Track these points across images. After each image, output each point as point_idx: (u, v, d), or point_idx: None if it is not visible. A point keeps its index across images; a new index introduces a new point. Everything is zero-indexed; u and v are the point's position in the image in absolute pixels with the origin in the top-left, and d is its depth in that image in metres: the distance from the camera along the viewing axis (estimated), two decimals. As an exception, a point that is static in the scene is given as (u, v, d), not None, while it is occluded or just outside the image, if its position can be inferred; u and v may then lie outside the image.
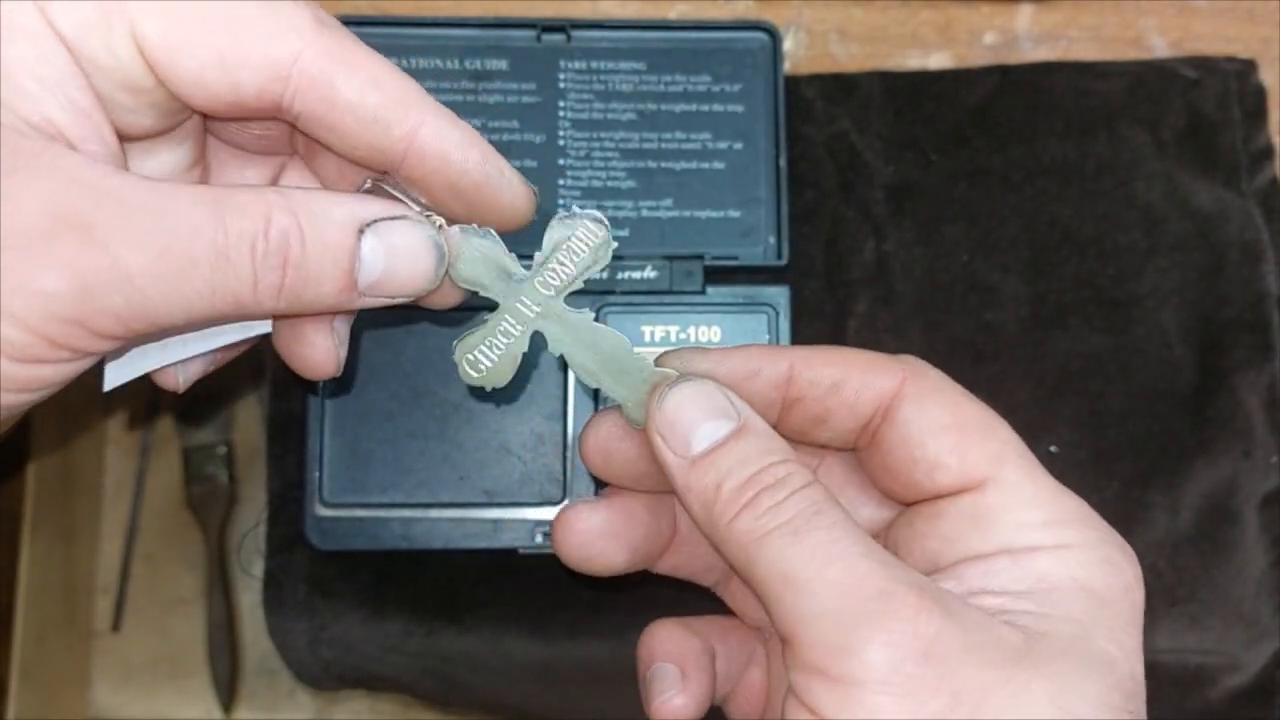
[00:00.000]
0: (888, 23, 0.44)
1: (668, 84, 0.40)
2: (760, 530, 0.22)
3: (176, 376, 0.27)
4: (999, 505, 0.24)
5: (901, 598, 0.21)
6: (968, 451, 0.25)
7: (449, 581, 0.39)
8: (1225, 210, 0.41)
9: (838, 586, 0.21)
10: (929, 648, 0.21)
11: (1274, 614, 0.40)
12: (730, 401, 0.24)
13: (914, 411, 0.25)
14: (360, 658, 0.40)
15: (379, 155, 0.24)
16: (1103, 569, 0.23)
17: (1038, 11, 0.44)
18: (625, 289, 0.39)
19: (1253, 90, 0.43)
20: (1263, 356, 0.40)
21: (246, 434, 0.75)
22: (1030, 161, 0.41)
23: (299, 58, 0.23)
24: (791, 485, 0.23)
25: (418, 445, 0.38)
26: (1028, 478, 0.25)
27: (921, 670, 0.20)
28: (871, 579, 0.21)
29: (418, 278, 0.24)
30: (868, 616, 0.21)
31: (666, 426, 0.24)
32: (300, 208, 0.22)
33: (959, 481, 0.25)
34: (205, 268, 0.21)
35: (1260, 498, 0.40)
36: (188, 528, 0.73)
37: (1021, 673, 0.21)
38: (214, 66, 0.22)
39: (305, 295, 0.23)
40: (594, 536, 0.27)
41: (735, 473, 0.23)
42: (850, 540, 0.22)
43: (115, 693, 0.73)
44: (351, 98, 0.23)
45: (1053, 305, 0.41)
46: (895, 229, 0.41)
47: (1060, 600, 0.23)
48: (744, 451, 0.24)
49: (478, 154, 0.24)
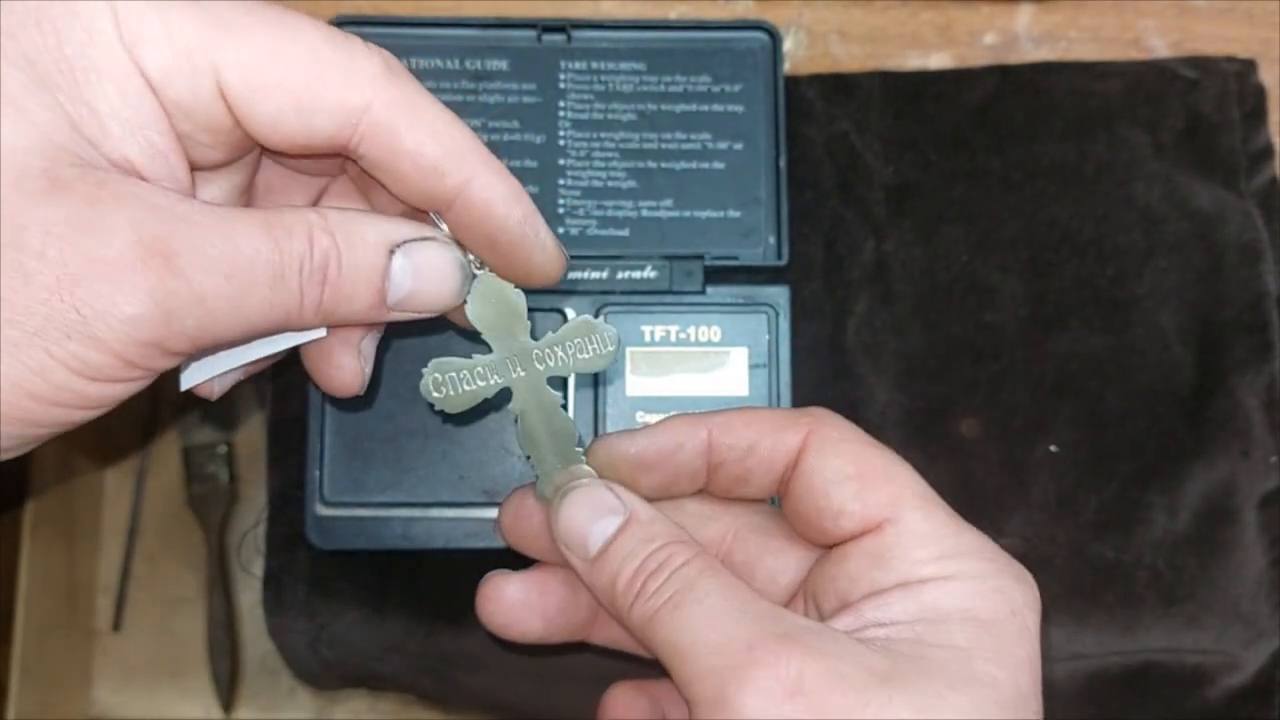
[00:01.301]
0: (888, 23, 0.44)
1: (668, 84, 0.40)
2: (650, 611, 0.25)
3: (213, 386, 0.28)
4: (895, 543, 0.26)
5: (765, 646, 0.23)
6: (868, 497, 0.27)
7: (449, 581, 0.39)
8: (1224, 211, 0.41)
9: (711, 647, 0.24)
10: (794, 686, 0.23)
11: (1272, 613, 0.40)
12: (617, 496, 0.27)
13: (818, 462, 0.27)
14: (360, 657, 0.40)
15: (429, 201, 0.25)
16: (990, 597, 0.25)
17: (1037, 12, 0.45)
18: (625, 289, 0.39)
19: (1252, 91, 0.43)
20: (1261, 357, 0.40)
21: (247, 433, 0.75)
22: (1030, 162, 0.42)
23: (370, 106, 0.24)
24: (672, 566, 0.25)
25: (417, 445, 0.38)
26: (924, 517, 0.26)
27: (790, 706, 0.23)
28: (740, 636, 0.24)
29: (443, 295, 0.26)
30: (737, 670, 0.23)
31: (566, 534, 0.27)
32: (338, 229, 0.24)
33: (860, 525, 0.27)
34: (265, 288, 0.23)
35: (1259, 498, 0.40)
36: (188, 527, 0.73)
37: (884, 690, 0.23)
38: (291, 111, 0.23)
39: (340, 310, 0.24)
40: (511, 605, 0.29)
41: (625, 567, 0.26)
42: (723, 605, 0.24)
43: (116, 692, 0.73)
44: (413, 147, 0.24)
45: (1052, 306, 0.41)
46: (895, 229, 0.41)
47: (945, 628, 0.25)
48: (630, 545, 0.26)
49: (520, 212, 0.26)
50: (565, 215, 0.40)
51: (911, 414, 0.40)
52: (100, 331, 0.21)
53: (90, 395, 0.22)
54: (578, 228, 0.40)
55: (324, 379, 0.28)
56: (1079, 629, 0.39)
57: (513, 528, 0.30)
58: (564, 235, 0.39)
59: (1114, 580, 0.40)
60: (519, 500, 0.29)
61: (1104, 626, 0.39)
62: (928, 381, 0.40)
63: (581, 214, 0.40)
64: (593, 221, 0.40)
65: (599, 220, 0.40)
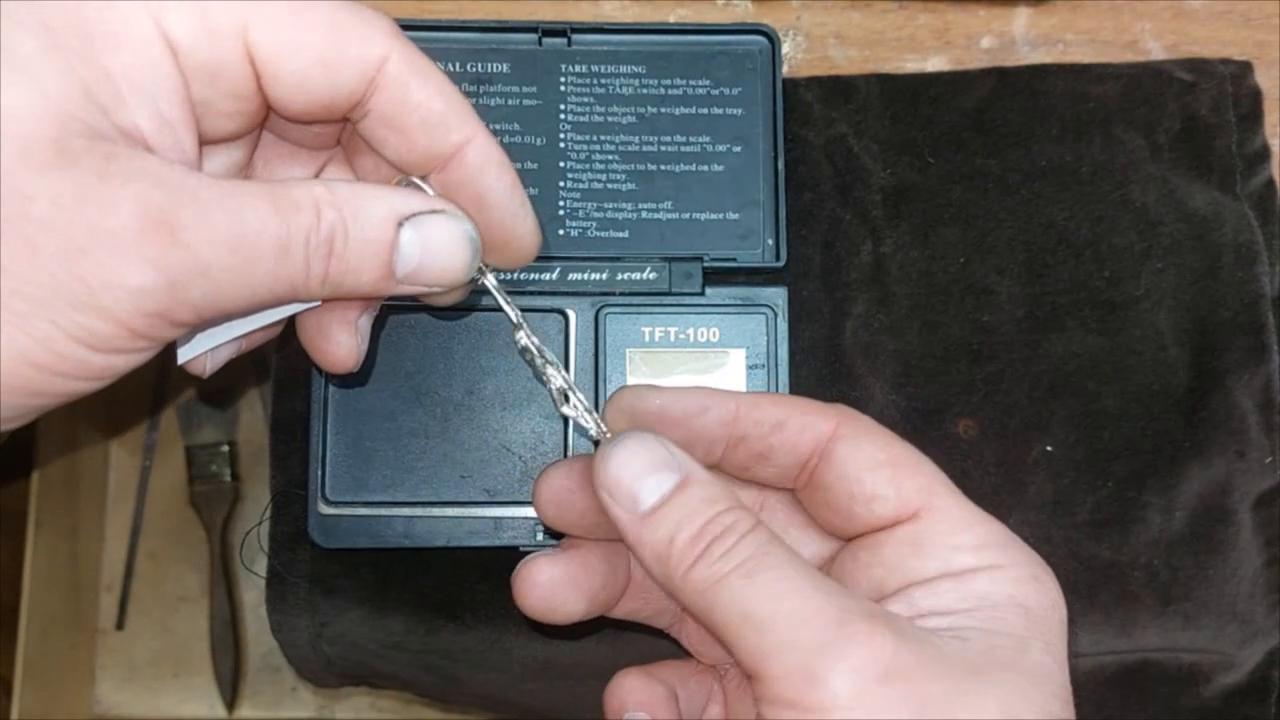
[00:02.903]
0: (885, 26, 0.45)
1: (667, 87, 0.41)
2: (715, 576, 0.24)
3: (204, 363, 0.28)
4: (934, 531, 0.26)
5: (855, 624, 0.22)
6: (902, 484, 0.26)
7: (450, 579, 0.40)
8: (1220, 213, 0.42)
9: (796, 619, 0.22)
10: (888, 669, 0.22)
11: (1268, 613, 0.40)
12: (671, 453, 0.25)
13: (850, 450, 0.27)
14: (362, 655, 0.41)
15: (428, 160, 0.26)
16: (1034, 586, 0.25)
17: (1034, 15, 0.45)
18: (625, 290, 0.39)
19: (1248, 93, 0.43)
20: (1257, 358, 0.41)
21: (250, 433, 0.75)
22: (1026, 164, 0.42)
23: (388, 58, 0.24)
24: (740, 530, 0.24)
25: (419, 444, 0.38)
26: (957, 506, 0.26)
27: (884, 690, 0.22)
28: (827, 609, 0.23)
29: (453, 269, 0.26)
30: (828, 645, 0.22)
31: (613, 484, 0.25)
32: (345, 203, 0.24)
33: (896, 512, 0.26)
34: (270, 260, 0.23)
35: (1254, 498, 0.40)
36: (191, 526, 0.73)
37: (975, 683, 0.23)
38: (317, 67, 0.24)
39: (346, 282, 0.25)
40: (555, 588, 0.28)
41: (685, 526, 0.24)
42: (801, 575, 0.23)
43: (119, 690, 0.73)
44: (423, 100, 0.25)
45: (1049, 307, 0.41)
46: (892, 231, 0.41)
47: (1001, 617, 0.25)
48: (691, 503, 0.25)
49: (510, 179, 0.26)
50: (565, 217, 0.40)
51: (909, 414, 0.40)
52: (107, 302, 0.21)
53: (95, 365, 0.22)
54: (578, 229, 0.40)
55: (320, 355, 0.28)
56: (1075, 628, 0.40)
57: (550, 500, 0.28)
58: (564, 237, 0.40)
59: (1110, 580, 0.40)
60: (555, 471, 0.28)
61: (1100, 626, 0.40)
62: (925, 382, 0.41)
63: (582, 216, 0.40)
64: (593, 223, 0.40)
65: (599, 222, 0.40)
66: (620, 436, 0.26)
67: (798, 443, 0.27)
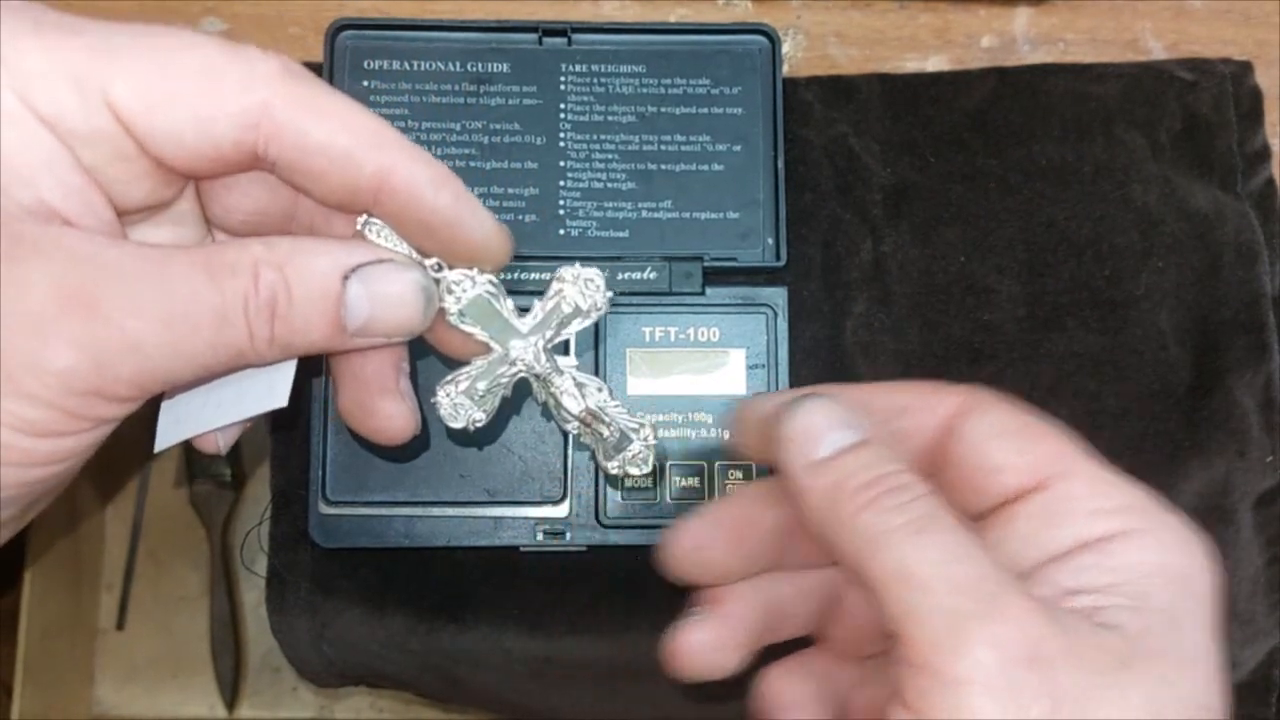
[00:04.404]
0: (886, 26, 0.45)
1: (668, 87, 0.41)
2: (882, 526, 0.23)
3: (216, 441, 0.28)
4: (1069, 497, 0.25)
5: (1010, 600, 0.22)
6: (1031, 451, 0.25)
7: (450, 579, 0.40)
8: (1221, 212, 0.42)
9: (953, 584, 0.22)
10: (1034, 651, 0.21)
11: (1269, 613, 0.40)
12: (857, 418, 0.26)
13: (976, 423, 0.26)
14: (361, 655, 0.41)
15: (354, 196, 0.25)
16: (1181, 550, 0.24)
17: (1035, 15, 0.45)
18: (625, 290, 0.39)
19: (1249, 92, 0.43)
20: (1258, 357, 0.41)
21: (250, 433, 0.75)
22: (1027, 163, 0.42)
23: (269, 105, 0.23)
24: (915, 491, 0.24)
25: (419, 444, 0.38)
26: (1091, 471, 0.25)
27: (1025, 674, 0.21)
28: (985, 581, 0.22)
29: (405, 319, 0.25)
30: (979, 616, 0.21)
31: (796, 433, 0.25)
32: (286, 261, 0.23)
33: (1026, 480, 0.25)
34: (207, 329, 0.22)
35: (1255, 497, 0.40)
36: (192, 526, 0.73)
37: (1120, 677, 0.22)
38: (189, 122, 0.23)
39: (296, 342, 0.24)
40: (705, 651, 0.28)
41: (859, 473, 0.24)
42: (967, 545, 0.23)
43: (119, 690, 0.73)
44: (322, 139, 0.24)
45: (1049, 306, 0.41)
46: (892, 230, 0.41)
47: (1150, 591, 0.23)
48: (869, 458, 0.25)
49: (449, 193, 0.25)
50: (566, 217, 0.40)
51: (909, 414, 0.40)
52: (33, 387, 0.21)
53: (40, 451, 0.22)
54: (578, 229, 0.40)
55: (378, 435, 0.28)
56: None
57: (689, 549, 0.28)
58: (565, 237, 0.40)
59: (1111, 579, 0.40)
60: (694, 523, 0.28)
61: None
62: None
63: (582, 215, 0.40)
64: (593, 223, 0.40)
65: (599, 221, 0.40)
66: (809, 396, 0.26)
67: (924, 425, 0.27)
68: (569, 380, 0.29)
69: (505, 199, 0.40)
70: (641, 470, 0.29)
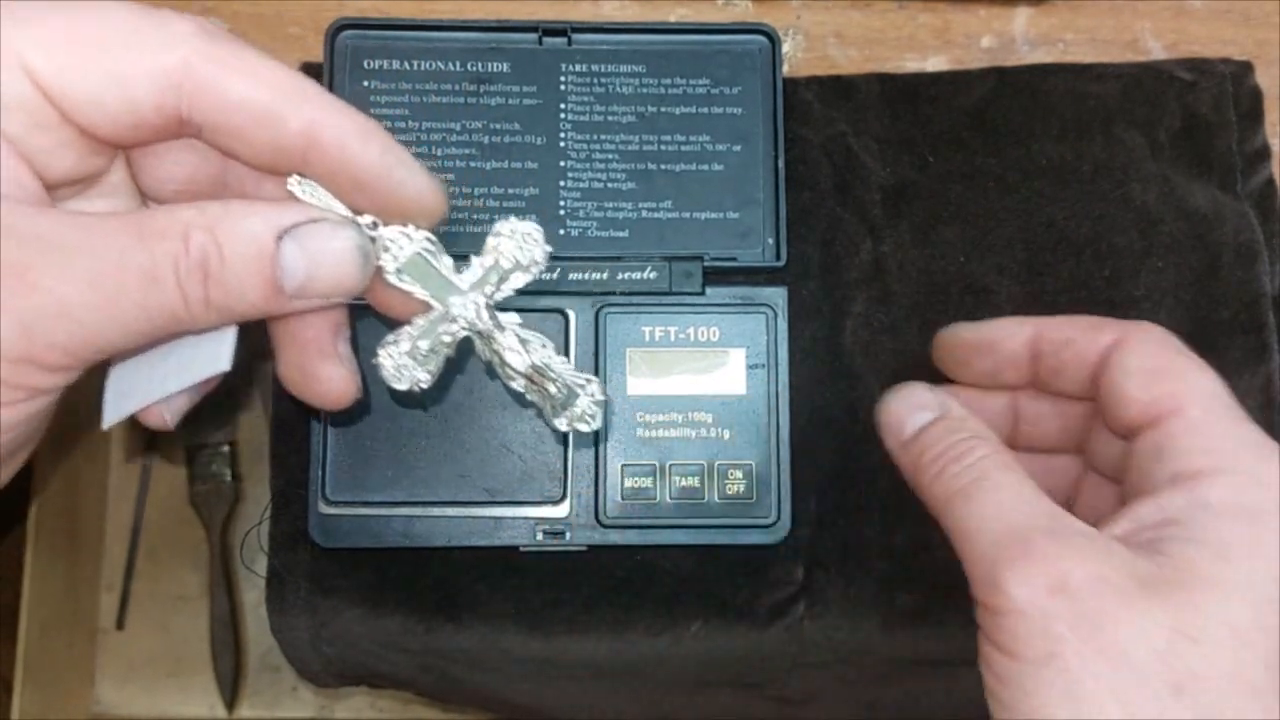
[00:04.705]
0: (885, 26, 0.45)
1: (667, 87, 0.41)
2: (946, 493, 0.28)
3: (163, 414, 0.27)
4: (1172, 436, 0.28)
5: (1036, 542, 0.26)
6: (1153, 389, 0.29)
7: (447, 579, 0.40)
8: (1221, 212, 0.42)
9: (993, 535, 0.26)
10: (1059, 583, 0.25)
11: (1269, 613, 0.40)
12: (934, 396, 0.32)
13: (1120, 356, 0.30)
14: (361, 654, 0.41)
15: (282, 155, 0.25)
16: (1256, 490, 0.26)
17: (1034, 14, 0.45)
18: (625, 289, 0.39)
19: (1249, 92, 0.43)
20: (1257, 357, 0.41)
21: (250, 432, 0.75)
22: (1026, 163, 0.42)
23: (189, 64, 0.23)
24: (972, 456, 0.29)
25: (419, 444, 0.38)
26: (1206, 411, 0.28)
27: (1052, 601, 0.25)
28: (1019, 528, 0.26)
29: (344, 279, 0.25)
30: (1008, 559, 0.26)
31: (887, 418, 0.32)
32: (217, 223, 0.23)
33: (1141, 415, 0.29)
34: (136, 292, 0.22)
35: (1255, 497, 0.40)
36: (192, 525, 0.73)
37: (1144, 598, 0.25)
38: (108, 84, 0.23)
39: (234, 305, 0.24)
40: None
41: (932, 447, 0.30)
42: (1012, 497, 0.27)
43: (119, 689, 0.73)
44: (244, 96, 0.24)
45: (1048, 306, 0.41)
46: (891, 230, 0.41)
47: (1210, 523, 0.26)
48: (937, 434, 0.30)
49: (377, 146, 0.25)
50: (566, 217, 0.40)
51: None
52: None
53: None
54: (578, 229, 0.40)
55: (317, 398, 0.27)
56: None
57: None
58: (565, 236, 0.40)
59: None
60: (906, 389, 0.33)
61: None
62: (925, 380, 0.41)
63: (582, 215, 0.40)
64: (593, 223, 0.40)
65: (599, 221, 0.40)
66: (897, 386, 0.32)
67: (1084, 355, 0.31)
68: (512, 336, 0.28)
69: (505, 199, 0.40)
70: (590, 427, 0.29)
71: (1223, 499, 0.26)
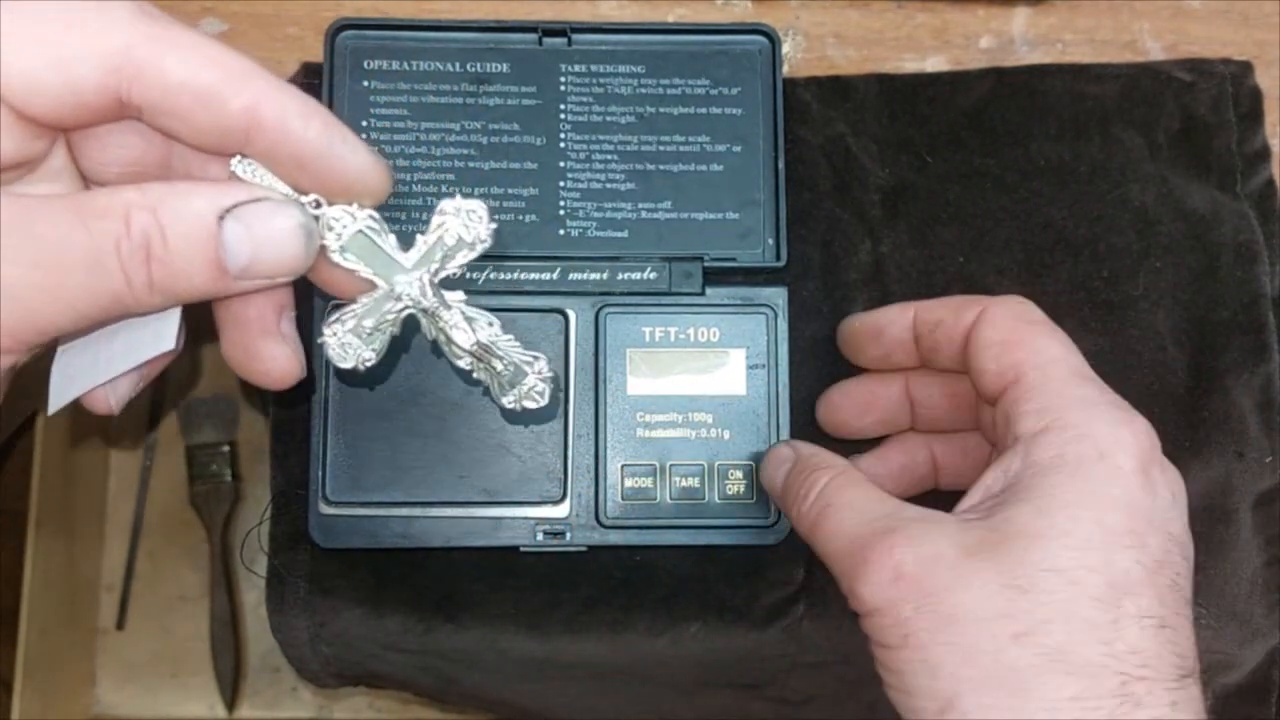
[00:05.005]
0: (884, 26, 0.45)
1: (667, 87, 0.41)
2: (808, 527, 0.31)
3: (108, 399, 0.27)
4: (1015, 400, 0.30)
5: (872, 545, 0.28)
6: (1003, 359, 0.31)
7: (447, 579, 0.40)
8: (1219, 212, 0.42)
9: (841, 551, 0.29)
10: (896, 573, 0.28)
11: (1268, 613, 0.40)
12: (789, 449, 0.35)
13: (979, 331, 0.32)
14: (359, 654, 0.41)
15: (224, 135, 0.25)
16: (1077, 444, 0.28)
17: (1033, 15, 0.45)
18: (625, 290, 0.39)
19: (1248, 93, 0.43)
20: (1256, 358, 0.41)
21: (250, 433, 0.75)
22: (1025, 164, 0.42)
23: (129, 45, 0.23)
24: (818, 487, 0.32)
25: (417, 444, 0.39)
26: (1044, 375, 0.30)
27: (895, 589, 0.27)
28: (858, 538, 0.29)
29: (287, 258, 0.25)
30: (855, 567, 0.28)
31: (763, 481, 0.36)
32: (160, 203, 0.23)
33: (994, 385, 0.31)
34: (79, 273, 0.22)
35: (1254, 498, 0.40)
36: (191, 526, 0.73)
37: (972, 564, 0.27)
38: (48, 66, 0.23)
39: (179, 286, 0.24)
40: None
41: (788, 493, 0.33)
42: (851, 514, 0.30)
43: (119, 690, 0.73)
44: (185, 76, 0.24)
45: (1047, 307, 0.40)
46: (890, 231, 0.41)
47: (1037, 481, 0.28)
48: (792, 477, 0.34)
49: (319, 123, 0.25)
50: (566, 217, 0.40)
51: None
52: None
53: None
54: (578, 229, 0.40)
55: (260, 377, 0.27)
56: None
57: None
58: (564, 237, 0.40)
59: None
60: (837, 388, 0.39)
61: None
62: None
63: (582, 216, 0.40)
64: (593, 223, 0.40)
65: (599, 222, 0.40)
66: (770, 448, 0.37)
67: (953, 334, 0.33)
68: (458, 314, 0.28)
69: (505, 199, 0.40)
70: (538, 404, 0.30)
71: (1047, 455, 0.28)
